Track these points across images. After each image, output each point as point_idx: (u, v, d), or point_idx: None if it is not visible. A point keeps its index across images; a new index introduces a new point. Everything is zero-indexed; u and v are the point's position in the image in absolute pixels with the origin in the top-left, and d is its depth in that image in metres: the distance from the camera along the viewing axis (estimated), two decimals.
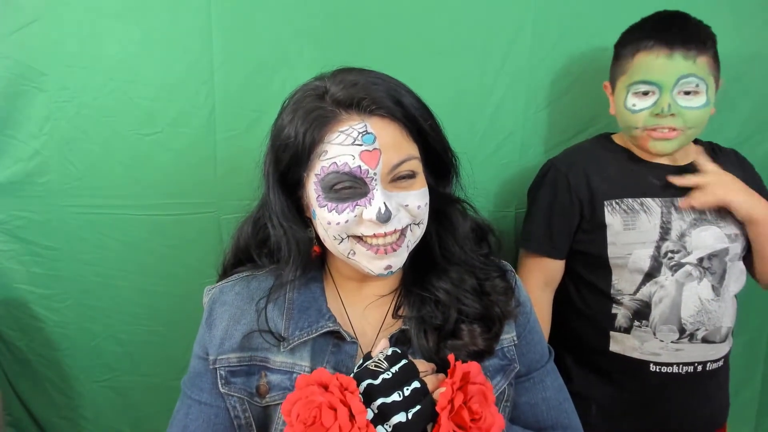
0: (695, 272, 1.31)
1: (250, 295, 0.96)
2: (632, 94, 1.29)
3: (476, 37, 1.43)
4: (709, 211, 1.32)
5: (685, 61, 1.23)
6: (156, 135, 1.36)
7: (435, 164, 0.93)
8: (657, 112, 1.26)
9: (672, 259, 1.31)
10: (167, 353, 1.48)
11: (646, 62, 1.26)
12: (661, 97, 1.25)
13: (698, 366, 1.33)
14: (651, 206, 1.32)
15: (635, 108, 1.29)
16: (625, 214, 1.32)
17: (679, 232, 1.30)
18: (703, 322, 1.31)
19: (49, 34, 1.28)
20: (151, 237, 1.42)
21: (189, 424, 0.93)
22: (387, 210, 0.82)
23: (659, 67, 1.25)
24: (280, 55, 1.36)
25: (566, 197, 1.36)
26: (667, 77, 1.24)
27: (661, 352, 1.32)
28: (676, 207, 1.31)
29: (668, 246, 1.30)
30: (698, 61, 1.23)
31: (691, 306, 1.31)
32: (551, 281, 1.43)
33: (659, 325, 1.31)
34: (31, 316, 1.45)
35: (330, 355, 0.92)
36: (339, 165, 0.82)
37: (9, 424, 1.52)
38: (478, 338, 0.91)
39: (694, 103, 1.25)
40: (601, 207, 1.33)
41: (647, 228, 1.31)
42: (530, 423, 1.00)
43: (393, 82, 0.87)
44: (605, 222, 1.33)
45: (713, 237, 1.31)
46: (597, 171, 1.36)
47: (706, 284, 1.31)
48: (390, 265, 0.86)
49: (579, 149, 1.44)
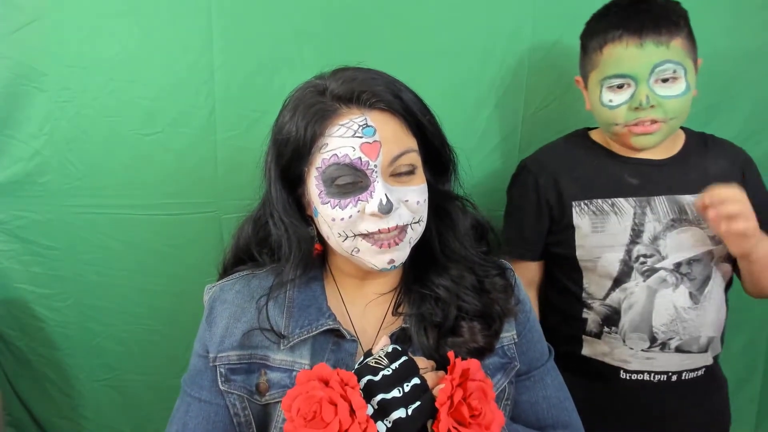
0: (671, 278, 1.24)
1: (250, 293, 0.96)
2: (606, 89, 1.21)
3: (476, 37, 1.43)
4: (690, 210, 1.23)
5: (657, 48, 1.15)
6: (156, 135, 1.36)
7: (434, 160, 0.93)
8: (636, 106, 1.18)
9: (644, 264, 1.24)
10: (168, 352, 1.48)
11: (616, 54, 1.18)
12: (638, 89, 1.17)
13: (672, 375, 1.27)
14: (623, 207, 1.25)
15: (612, 104, 1.21)
16: (594, 215, 1.26)
17: (652, 235, 1.24)
18: (677, 331, 1.25)
19: (49, 34, 1.29)
20: (152, 237, 1.42)
21: (188, 421, 0.92)
22: (388, 201, 0.82)
23: (631, 58, 1.17)
24: (280, 56, 1.36)
25: (535, 199, 1.32)
26: (640, 68, 1.16)
27: (631, 360, 1.27)
28: (651, 207, 1.24)
29: (639, 250, 1.24)
30: (672, 45, 1.16)
31: (663, 314, 1.24)
32: (532, 282, 1.40)
33: (629, 332, 1.26)
34: (31, 315, 1.45)
35: (330, 353, 0.92)
36: (340, 157, 0.83)
37: (9, 424, 1.52)
38: (478, 335, 0.91)
39: (673, 91, 1.17)
40: (569, 208, 1.28)
41: (617, 230, 1.24)
42: (531, 421, 1.00)
43: (391, 78, 0.89)
44: (573, 224, 1.28)
45: (693, 239, 1.23)
46: (568, 171, 1.31)
47: (682, 291, 1.24)
48: (393, 260, 0.86)
49: (552, 148, 1.39)
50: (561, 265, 1.34)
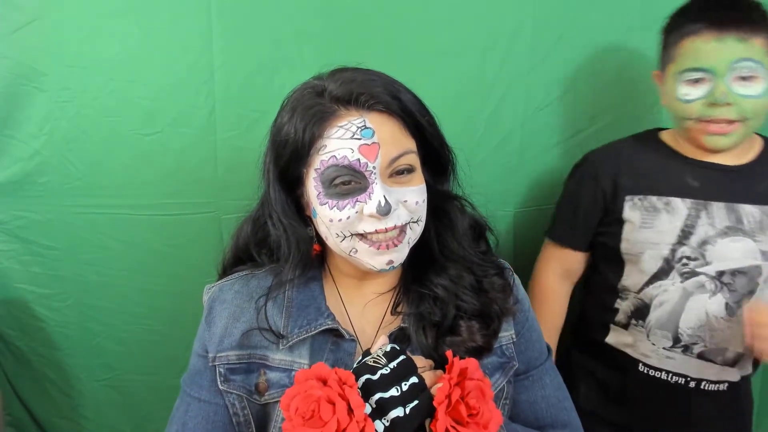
0: (710, 285, 1.22)
1: (249, 293, 0.96)
2: (683, 82, 1.18)
3: (476, 37, 1.43)
4: (747, 221, 1.20)
5: (738, 44, 1.12)
6: (156, 135, 1.36)
7: (432, 160, 0.93)
8: (712, 102, 1.15)
9: (686, 265, 1.23)
10: (168, 352, 1.48)
11: (695, 47, 1.16)
12: (715, 84, 1.14)
13: (691, 381, 1.26)
14: (677, 207, 1.23)
15: (688, 98, 1.18)
16: (646, 211, 1.26)
17: (702, 239, 1.21)
18: (704, 337, 1.24)
19: (49, 34, 1.29)
20: (152, 237, 1.42)
21: (188, 421, 0.93)
22: (387, 203, 0.82)
23: (710, 52, 1.14)
24: (280, 56, 1.36)
25: (591, 189, 1.33)
26: (719, 62, 1.13)
27: (651, 355, 1.28)
28: (708, 211, 1.22)
29: (684, 251, 1.23)
30: (753, 43, 1.12)
31: (693, 317, 1.23)
32: (570, 273, 1.41)
33: (654, 328, 1.27)
34: (31, 315, 1.45)
35: (329, 352, 0.93)
36: (338, 158, 0.83)
37: (9, 424, 1.52)
38: (477, 334, 0.91)
39: (752, 91, 1.13)
40: (622, 201, 1.28)
41: (665, 229, 1.23)
42: (530, 421, 1.00)
43: (390, 79, 0.89)
44: (624, 217, 1.28)
45: (742, 251, 1.20)
46: (629, 166, 1.30)
47: (719, 300, 1.22)
48: (391, 260, 0.87)
49: (618, 144, 1.38)
50: (604, 254, 1.35)
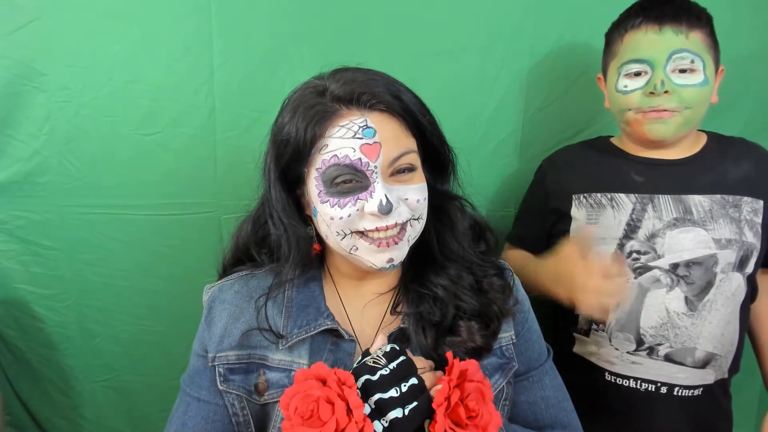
0: (665, 279, 1.20)
1: (249, 293, 0.96)
2: (623, 75, 1.20)
3: (476, 37, 1.43)
4: (696, 211, 1.20)
5: (676, 36, 1.15)
6: (156, 135, 1.36)
7: (433, 160, 0.94)
8: (650, 90, 1.16)
9: (637, 260, 1.21)
10: (167, 353, 1.48)
11: (635, 40, 1.18)
12: (654, 74, 1.16)
13: (662, 387, 1.22)
14: (622, 202, 1.23)
15: (627, 89, 1.20)
16: (591, 208, 1.26)
17: (650, 232, 1.21)
18: (667, 336, 1.20)
19: (49, 34, 1.29)
20: (151, 237, 1.42)
21: (187, 421, 0.93)
22: (388, 202, 0.82)
23: (649, 44, 1.16)
24: (279, 56, 1.36)
25: (542, 191, 1.36)
26: (658, 53, 1.16)
27: (615, 362, 1.24)
28: (654, 204, 1.21)
29: (633, 245, 1.22)
30: (691, 36, 1.15)
31: (653, 315, 1.20)
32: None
33: (615, 331, 1.23)
34: (31, 316, 1.45)
35: (328, 353, 0.93)
36: (340, 157, 0.83)
37: (9, 424, 1.52)
38: (476, 335, 0.91)
39: (690, 81, 1.15)
40: (569, 201, 1.29)
41: (610, 224, 1.23)
42: (530, 422, 1.00)
43: (391, 79, 0.89)
44: (571, 215, 1.29)
45: (694, 241, 1.19)
46: (576, 166, 1.33)
47: (677, 294, 1.19)
48: (392, 258, 0.87)
49: (569, 147, 1.41)
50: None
